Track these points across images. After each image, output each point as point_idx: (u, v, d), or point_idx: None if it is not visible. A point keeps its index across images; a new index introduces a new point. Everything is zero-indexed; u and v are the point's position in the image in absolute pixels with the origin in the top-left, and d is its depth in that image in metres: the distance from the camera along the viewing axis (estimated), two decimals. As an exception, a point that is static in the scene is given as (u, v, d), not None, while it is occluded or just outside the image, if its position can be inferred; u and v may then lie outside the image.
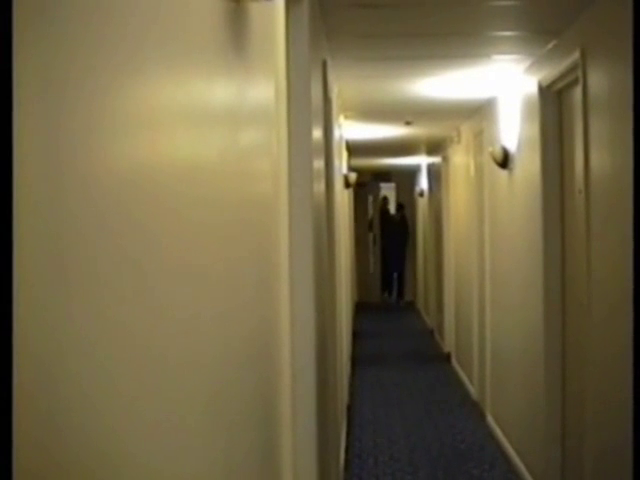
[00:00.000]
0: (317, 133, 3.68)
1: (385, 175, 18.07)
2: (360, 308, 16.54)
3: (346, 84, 6.62)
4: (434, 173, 13.13)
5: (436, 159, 12.41)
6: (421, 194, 15.67)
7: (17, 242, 0.60)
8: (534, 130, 5.45)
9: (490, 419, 7.59)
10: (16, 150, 0.60)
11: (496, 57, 5.54)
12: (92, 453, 0.77)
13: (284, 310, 2.64)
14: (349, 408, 8.36)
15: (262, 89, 2.12)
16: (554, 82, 4.99)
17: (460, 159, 9.68)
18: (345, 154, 10.09)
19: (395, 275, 18.11)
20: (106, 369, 0.81)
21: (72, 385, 0.72)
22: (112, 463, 0.83)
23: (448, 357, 10.97)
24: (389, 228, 17.88)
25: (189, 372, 1.19)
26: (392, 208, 18.63)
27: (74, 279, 0.73)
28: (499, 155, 6.46)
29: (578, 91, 4.40)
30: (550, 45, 5.00)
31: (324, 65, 4.53)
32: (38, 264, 0.65)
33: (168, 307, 1.07)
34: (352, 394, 9.11)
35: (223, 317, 1.47)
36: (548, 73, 5.07)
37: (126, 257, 0.88)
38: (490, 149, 6.79)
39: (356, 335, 12.98)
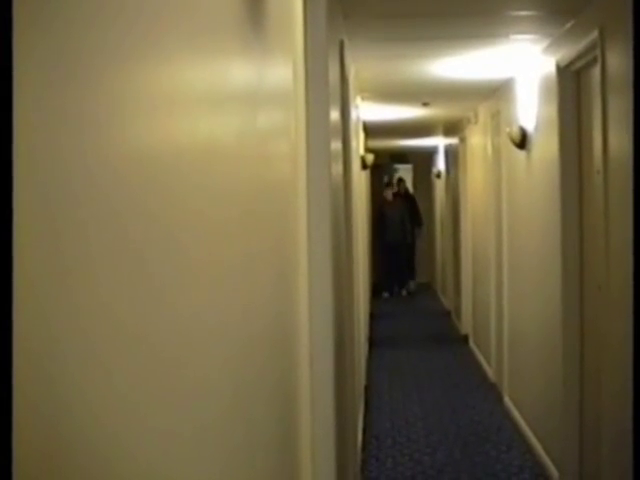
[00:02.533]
0: (334, 114, 3.67)
1: (402, 156, 18.02)
2: (377, 290, 16.55)
3: (363, 65, 6.59)
4: (451, 154, 13.08)
5: (453, 140, 12.36)
6: (438, 175, 15.62)
7: (17, 236, 0.57)
8: (552, 111, 5.42)
9: (507, 401, 7.59)
10: (17, 137, 0.57)
11: (514, 37, 5.50)
12: (95, 457, 0.74)
13: (302, 293, 2.64)
14: (366, 389, 8.38)
15: (280, 70, 2.11)
16: (572, 62, 4.95)
17: (477, 140, 9.64)
18: (362, 135, 10.06)
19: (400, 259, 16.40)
20: (112, 371, 0.77)
21: (74, 387, 0.69)
22: (116, 468, 0.79)
23: (465, 339, 10.96)
24: (386, 218, 16.23)
25: (206, 368, 1.17)
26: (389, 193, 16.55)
27: (79, 275, 0.69)
28: (517, 136, 6.43)
29: (597, 71, 4.36)
30: (568, 25, 4.96)
31: (341, 46, 4.51)
32: (39, 258, 0.62)
33: (182, 300, 1.04)
34: (369, 375, 9.12)
35: (242, 306, 1.47)
36: (566, 53, 5.03)
37: (135, 251, 0.84)
38: (508, 130, 6.75)
39: (373, 317, 12.99)
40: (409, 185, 18.34)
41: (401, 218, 16.24)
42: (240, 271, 1.45)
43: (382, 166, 17.54)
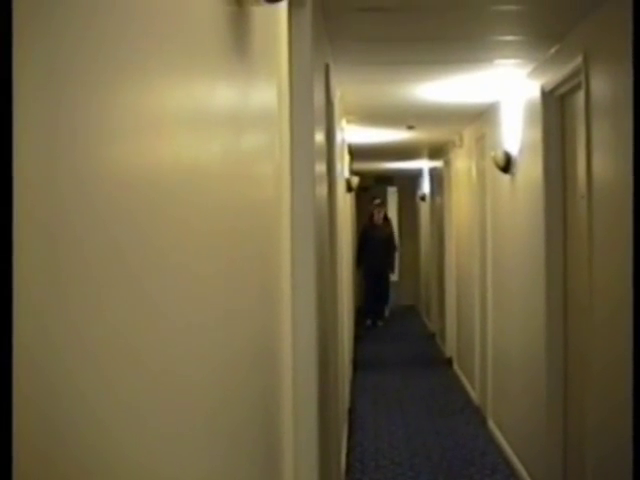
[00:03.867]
0: (319, 137, 3.67)
1: (387, 179, 18.07)
2: (362, 313, 16.51)
3: (348, 88, 6.62)
4: (436, 177, 13.13)
5: (438, 163, 12.41)
6: (423, 198, 15.66)
7: (16, 245, 0.59)
8: (536, 135, 5.45)
9: (491, 424, 7.58)
10: (15, 153, 0.60)
11: (499, 62, 5.54)
12: (92, 457, 0.77)
13: (285, 314, 2.64)
14: (350, 411, 8.35)
15: (264, 93, 2.12)
16: (557, 87, 4.99)
17: (462, 163, 9.68)
18: (347, 158, 10.09)
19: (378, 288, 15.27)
20: (106, 373, 0.81)
21: (71, 390, 0.72)
22: (112, 467, 0.83)
23: (450, 362, 10.96)
24: (372, 242, 15.01)
25: (190, 377, 1.19)
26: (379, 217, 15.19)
27: (74, 283, 0.72)
28: (501, 160, 6.46)
29: (581, 96, 4.39)
30: (553, 50, 5.00)
31: (326, 69, 4.53)
32: (37, 267, 0.64)
33: (168, 311, 1.06)
34: (353, 398, 9.10)
35: (225, 322, 1.47)
36: (551, 78, 5.07)
37: (126, 262, 0.88)
38: (492, 153, 6.78)
39: (357, 339, 12.97)
40: (393, 207, 18.33)
41: (387, 245, 15.03)
42: (223, 290, 1.45)
43: (370, 188, 17.51)
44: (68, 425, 0.71)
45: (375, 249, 14.90)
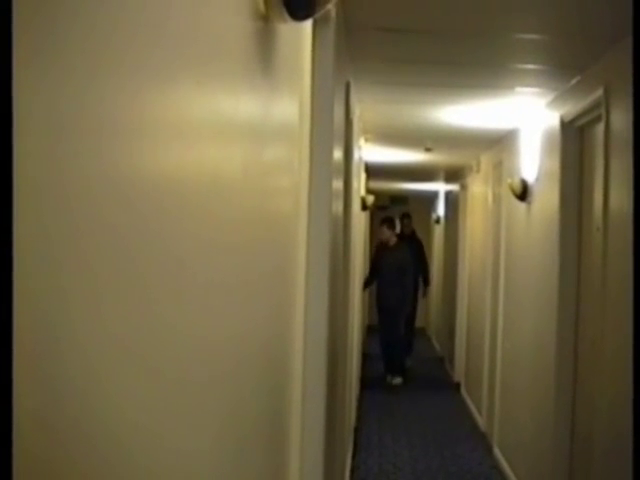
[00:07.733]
0: (338, 154, 3.69)
1: (402, 199, 18.04)
2: (371, 331, 16.46)
3: (368, 107, 6.64)
4: (451, 201, 13.12)
5: (454, 187, 12.41)
6: (437, 221, 15.65)
7: (17, 245, 0.58)
8: (554, 165, 5.45)
9: (497, 451, 7.55)
10: (21, 158, 0.59)
11: (519, 89, 5.55)
12: (94, 456, 0.77)
13: (297, 328, 2.65)
14: (356, 430, 8.33)
15: (286, 108, 2.14)
16: (576, 118, 4.99)
17: (478, 188, 9.68)
18: (364, 176, 10.10)
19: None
20: (110, 378, 0.80)
21: (74, 390, 0.71)
22: (115, 469, 0.83)
23: (457, 386, 10.92)
24: (386, 269, 11.26)
25: (198, 385, 1.19)
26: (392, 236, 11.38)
27: (77, 282, 0.72)
28: (518, 187, 6.45)
29: (600, 128, 4.39)
30: (574, 81, 5.01)
31: (347, 87, 4.56)
32: (40, 267, 0.64)
33: (180, 318, 1.07)
34: (359, 417, 9.07)
35: (237, 334, 1.48)
36: (571, 108, 5.07)
37: (137, 267, 0.87)
38: (509, 181, 6.78)
39: (366, 357, 12.93)
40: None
41: (402, 271, 11.16)
42: (238, 296, 1.46)
43: (386, 208, 17.40)
44: (70, 426, 0.70)
45: (388, 278, 11.23)
